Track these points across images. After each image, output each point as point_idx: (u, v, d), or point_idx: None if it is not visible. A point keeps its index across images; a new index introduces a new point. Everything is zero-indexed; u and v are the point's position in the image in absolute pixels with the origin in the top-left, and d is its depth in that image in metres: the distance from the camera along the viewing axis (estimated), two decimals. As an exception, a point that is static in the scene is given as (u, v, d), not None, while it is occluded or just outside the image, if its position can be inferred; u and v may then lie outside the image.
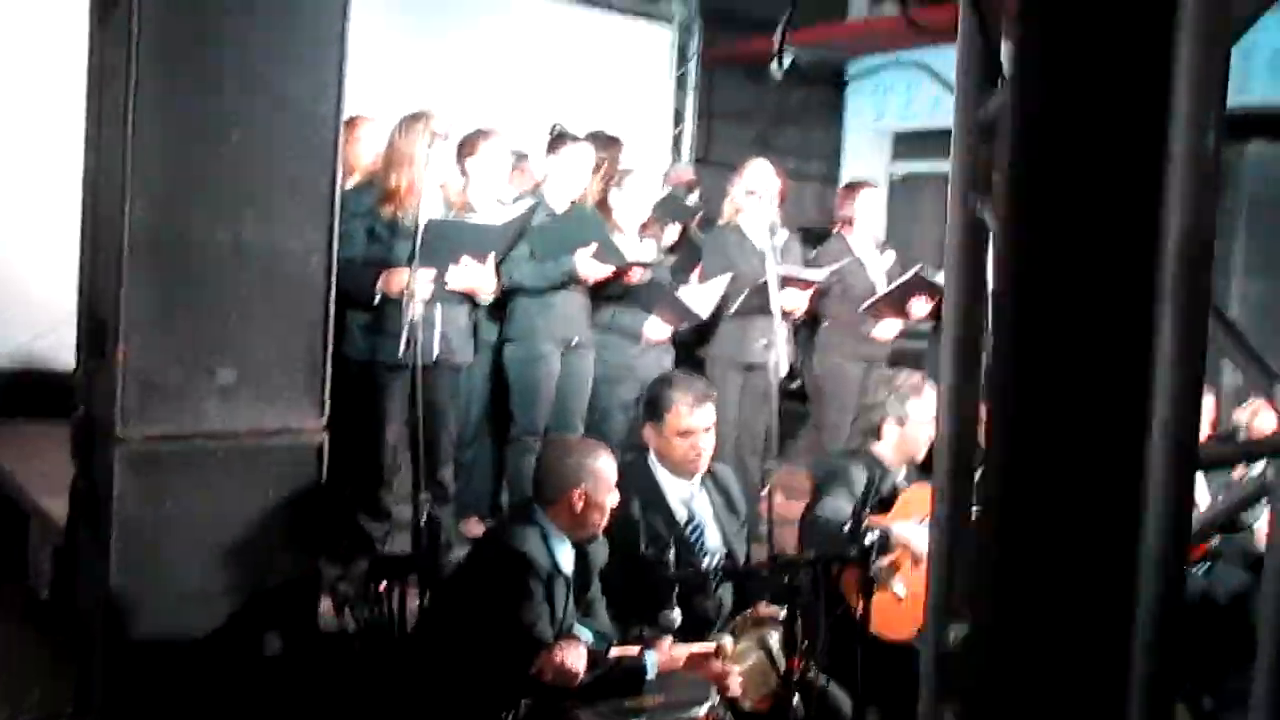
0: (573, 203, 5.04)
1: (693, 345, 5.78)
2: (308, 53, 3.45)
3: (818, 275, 5.50)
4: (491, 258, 4.48)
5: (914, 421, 4.26)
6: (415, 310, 3.97)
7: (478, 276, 4.44)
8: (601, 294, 5.12)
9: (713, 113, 10.43)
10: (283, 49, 3.40)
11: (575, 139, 5.25)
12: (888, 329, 5.98)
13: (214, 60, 3.30)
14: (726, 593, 3.85)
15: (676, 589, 3.29)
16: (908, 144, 10.88)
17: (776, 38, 9.60)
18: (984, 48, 1.65)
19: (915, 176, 10.57)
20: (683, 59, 9.98)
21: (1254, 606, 4.94)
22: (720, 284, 5.31)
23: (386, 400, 4.37)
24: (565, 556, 3.36)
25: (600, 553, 3.49)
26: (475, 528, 5.50)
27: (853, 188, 6.25)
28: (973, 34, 1.68)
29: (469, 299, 4.56)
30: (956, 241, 1.68)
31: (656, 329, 5.26)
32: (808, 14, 10.03)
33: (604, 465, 3.37)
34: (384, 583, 3.50)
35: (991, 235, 1.67)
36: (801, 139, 11.54)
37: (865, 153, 10.64)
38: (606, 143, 5.64)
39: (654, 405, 3.86)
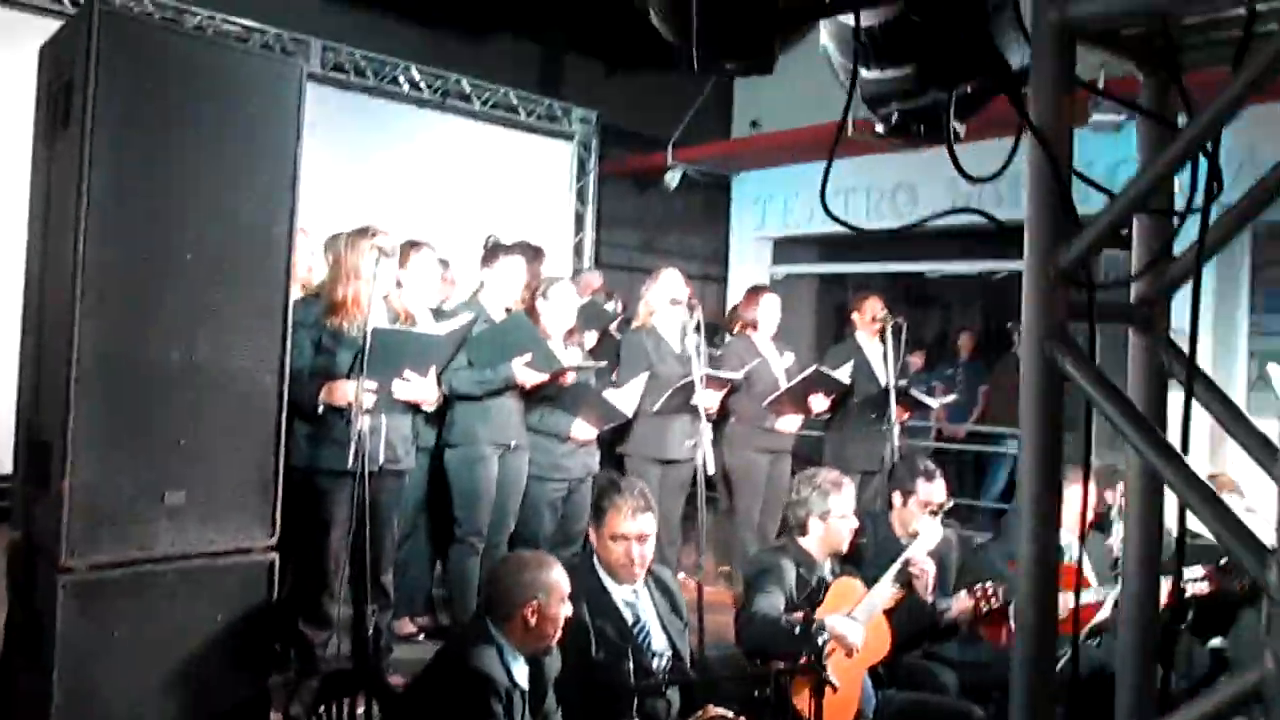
0: (507, 311, 4.81)
1: (612, 444, 5.57)
2: (262, 174, 3.14)
3: (736, 375, 5.36)
4: (433, 369, 4.20)
5: (836, 515, 4.12)
6: (362, 420, 3.66)
7: (421, 388, 4.15)
8: (531, 397, 4.87)
9: (609, 221, 10.35)
10: (237, 171, 3.09)
11: (509, 250, 5.04)
12: (790, 423, 5.88)
13: (168, 180, 2.97)
14: (674, 693, 3.59)
15: (635, 698, 3.03)
16: (785, 248, 10.96)
17: (669, 154, 9.66)
18: (1057, 192, 1.49)
19: (792, 277, 10.63)
20: (582, 172, 9.90)
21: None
22: (639, 384, 5.11)
23: (331, 507, 4.00)
24: (520, 671, 3.05)
25: (553, 663, 3.19)
26: (408, 626, 5.14)
27: (756, 291, 6.16)
28: (1044, 178, 1.52)
29: (412, 407, 4.26)
30: (1033, 389, 1.49)
31: (583, 429, 5.02)
32: (696, 132, 10.10)
33: (556, 578, 3.08)
34: (335, 702, 3.15)
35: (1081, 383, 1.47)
36: (690, 244, 11.56)
37: (749, 256, 10.66)
38: (533, 253, 5.44)
39: (596, 507, 3.60)
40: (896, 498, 4.67)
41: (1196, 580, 4.88)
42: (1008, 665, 4.64)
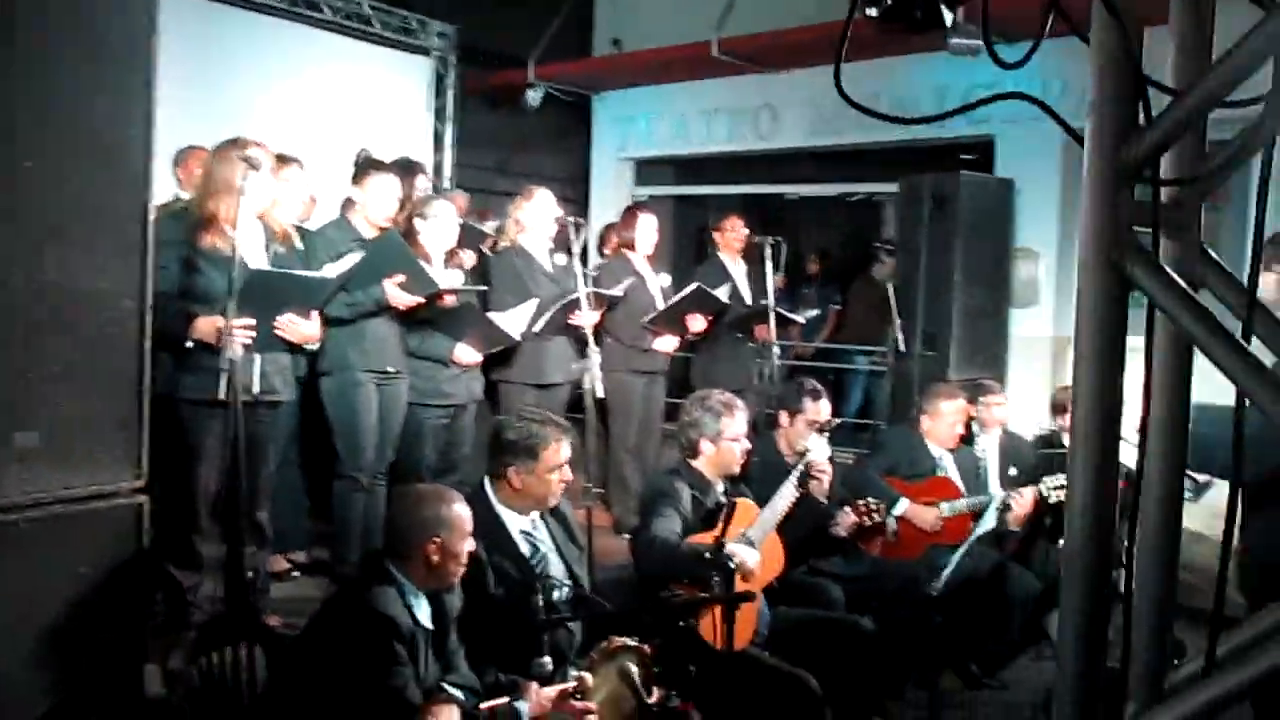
0: (380, 231, 4.47)
1: (484, 369, 5.31)
2: (109, 76, 2.73)
3: (617, 292, 5.16)
4: (315, 311, 3.85)
5: (727, 437, 4.02)
6: (235, 349, 3.31)
7: (304, 328, 3.79)
8: (411, 321, 4.56)
9: (468, 141, 9.90)
10: (80, 71, 2.69)
11: (382, 166, 4.67)
12: (667, 343, 5.75)
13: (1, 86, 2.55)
14: (576, 624, 3.44)
15: (546, 635, 2.86)
16: (647, 170, 10.75)
17: (530, 71, 9.27)
18: (1129, 76, 1.31)
19: (655, 199, 10.44)
20: (441, 89, 9.40)
21: (1009, 582, 5.00)
22: (530, 306, 4.86)
23: (200, 439, 3.65)
24: (423, 611, 2.84)
25: (454, 601, 2.99)
26: (281, 563, 4.84)
27: (634, 211, 5.95)
28: (1113, 60, 1.33)
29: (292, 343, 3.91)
30: (1094, 306, 1.32)
31: (467, 353, 4.75)
32: (557, 50, 9.71)
33: (458, 512, 2.87)
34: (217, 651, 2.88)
35: (1152, 293, 1.31)
36: (551, 165, 11.20)
37: (610, 178, 10.40)
38: (407, 169, 5.07)
39: (526, 446, 3.36)
40: (784, 417, 4.61)
41: (1059, 487, 5.00)
42: (887, 576, 4.70)
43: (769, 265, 5.56)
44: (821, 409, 4.55)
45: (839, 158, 9.90)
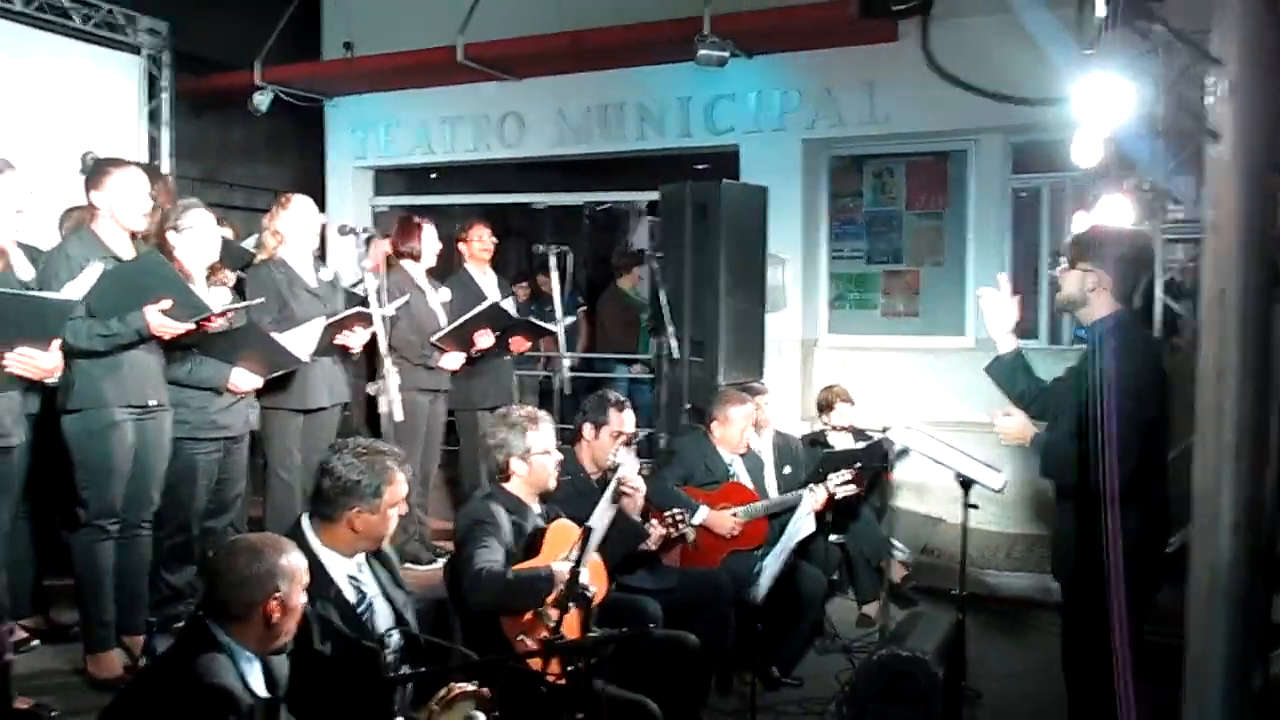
0: (139, 250, 3.91)
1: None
2: None
3: (391, 310, 4.80)
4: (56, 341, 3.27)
5: (538, 451, 3.82)
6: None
7: (43, 361, 3.19)
8: (174, 346, 4.01)
9: (188, 148, 9.06)
10: None
11: (120, 162, 4.07)
12: (453, 360, 5.44)
13: None
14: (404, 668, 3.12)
15: (403, 693, 2.56)
16: (388, 179, 10.27)
17: (257, 73, 8.63)
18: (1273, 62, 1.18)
19: (395, 208, 9.98)
20: (154, 91, 8.53)
21: (802, 580, 5.09)
22: (317, 325, 4.41)
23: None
24: (256, 678, 2.46)
25: (283, 664, 2.62)
26: (16, 633, 4.14)
27: (415, 222, 5.56)
28: (1255, 48, 1.20)
29: (25, 380, 3.30)
30: (1242, 302, 1.21)
31: (245, 379, 4.25)
32: (282, 53, 9.07)
33: (296, 561, 2.52)
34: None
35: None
36: (282, 174, 10.48)
37: (348, 188, 9.84)
38: (153, 175, 4.47)
39: (370, 486, 2.99)
40: (587, 429, 4.45)
41: (846, 483, 5.16)
42: (693, 583, 4.64)
43: (555, 275, 5.39)
44: (626, 420, 4.44)
45: (584, 167, 9.88)
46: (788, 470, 5.78)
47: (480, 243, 5.98)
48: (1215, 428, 1.28)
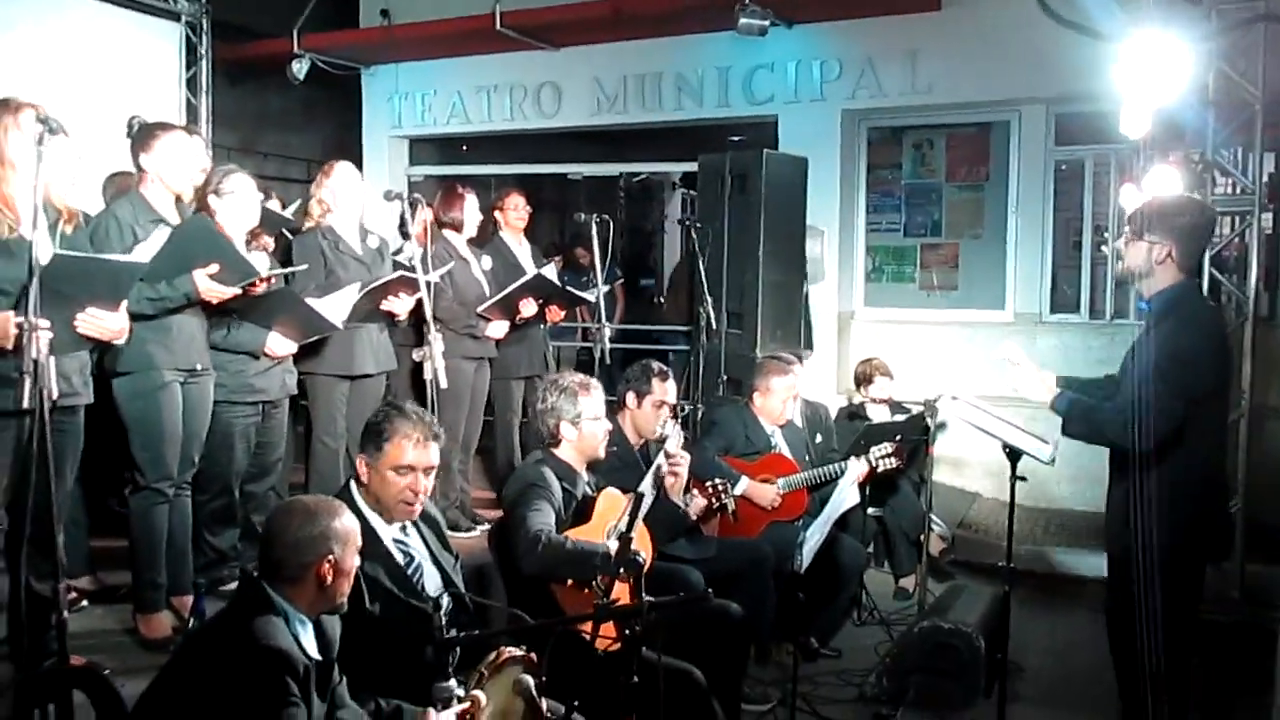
0: (183, 214, 3.92)
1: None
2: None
3: (436, 277, 4.79)
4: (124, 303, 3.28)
5: (588, 418, 3.82)
6: (37, 349, 2.75)
7: (111, 321, 3.20)
8: (215, 310, 4.02)
9: (226, 116, 9.07)
10: None
11: (167, 126, 4.07)
12: (499, 329, 5.43)
13: None
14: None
15: (453, 655, 2.56)
16: (423, 148, 10.25)
17: (295, 42, 8.60)
18: None
19: (430, 179, 9.98)
20: (193, 59, 8.52)
21: (842, 552, 5.07)
22: (352, 292, 4.41)
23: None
24: (309, 640, 2.47)
25: (334, 625, 2.63)
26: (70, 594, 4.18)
27: (458, 192, 5.51)
28: None
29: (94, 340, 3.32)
30: None
31: (281, 344, 4.25)
32: (319, 21, 9.05)
33: (349, 524, 2.52)
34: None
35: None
36: (319, 143, 10.50)
37: (383, 157, 9.83)
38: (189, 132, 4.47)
39: (374, 433, 3.01)
40: (630, 399, 4.44)
41: (887, 456, 5.12)
42: (733, 553, 4.64)
43: (595, 244, 5.35)
44: (669, 390, 4.42)
45: (620, 137, 9.82)
46: (819, 439, 5.76)
47: (515, 211, 5.96)
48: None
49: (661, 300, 9.89)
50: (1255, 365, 5.72)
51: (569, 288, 5.82)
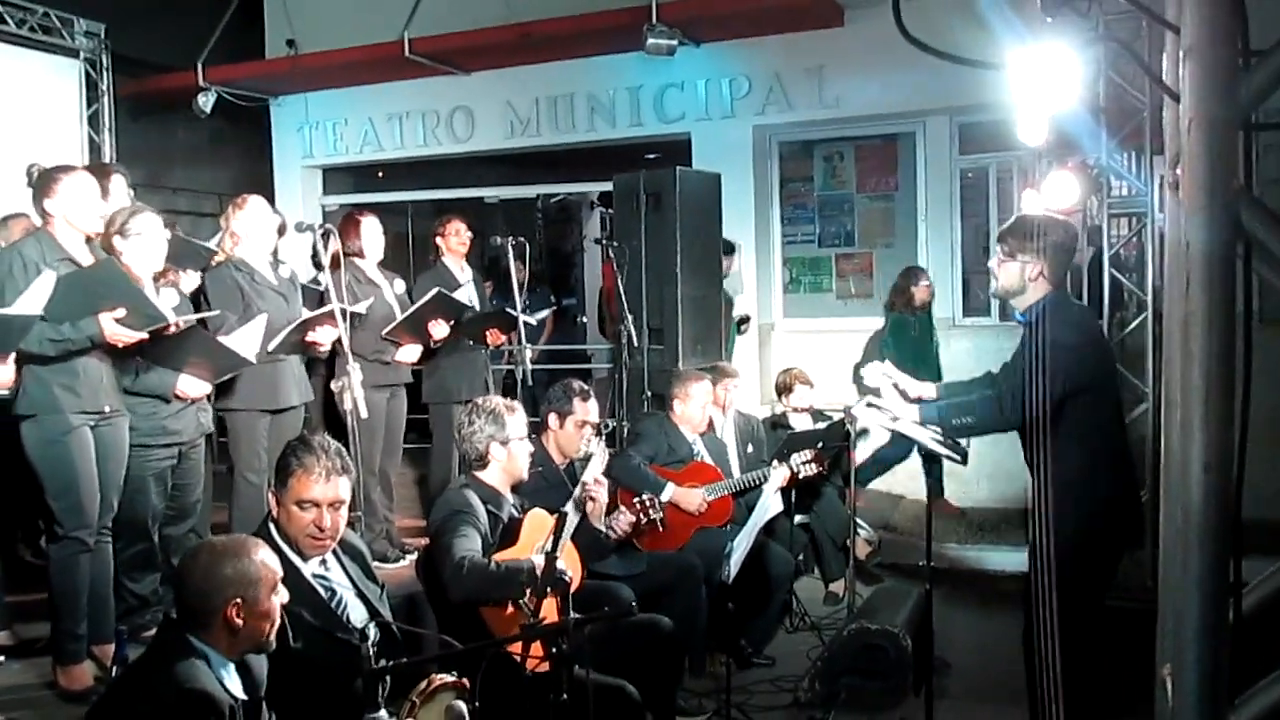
0: (95, 253, 3.85)
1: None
2: None
3: (362, 308, 4.77)
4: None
5: (515, 439, 3.83)
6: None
7: None
8: (122, 353, 3.95)
9: (131, 152, 8.90)
10: None
11: (69, 168, 4.01)
12: (410, 353, 5.42)
13: None
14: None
15: (384, 685, 2.55)
16: (337, 177, 10.17)
17: (199, 74, 8.50)
18: (1230, 22, 1.21)
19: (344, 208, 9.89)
20: (94, 95, 8.37)
21: (771, 561, 5.15)
22: (259, 324, 4.37)
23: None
24: (234, 682, 2.44)
25: (262, 665, 2.60)
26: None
27: (354, 218, 5.51)
28: (1211, 6, 1.22)
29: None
30: (1206, 256, 1.25)
31: (192, 385, 4.19)
32: (224, 53, 8.96)
33: (260, 565, 2.45)
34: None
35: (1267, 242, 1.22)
36: (228, 176, 10.35)
37: (296, 187, 9.74)
38: (102, 172, 4.40)
39: (280, 468, 2.99)
40: (552, 420, 4.46)
41: (807, 462, 5.21)
42: (663, 567, 4.67)
43: (513, 266, 5.38)
44: (591, 409, 4.45)
45: (536, 160, 9.85)
46: (750, 449, 5.85)
47: (457, 236, 5.98)
48: (1185, 372, 1.33)
49: (584, 320, 9.95)
50: (1157, 358, 5.94)
51: (505, 309, 5.80)
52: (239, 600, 2.41)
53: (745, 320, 7.91)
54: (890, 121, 8.25)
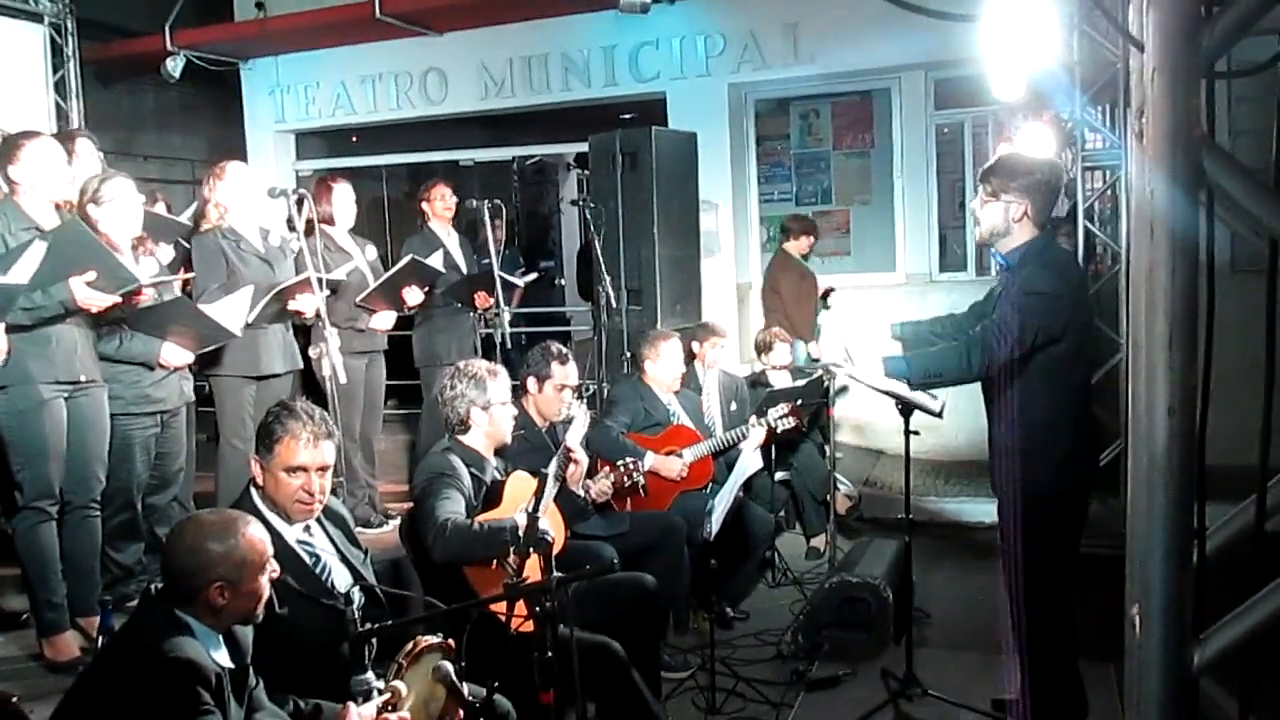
0: (64, 222, 3.81)
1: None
2: None
3: (341, 274, 4.74)
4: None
5: (497, 403, 3.83)
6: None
7: None
8: (103, 321, 3.93)
9: (99, 119, 8.78)
10: None
11: (33, 134, 3.95)
12: (385, 320, 5.42)
13: None
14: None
15: (370, 648, 2.58)
16: (310, 142, 10.07)
17: (167, 38, 8.36)
18: None
19: (319, 173, 9.80)
20: (60, 60, 8.23)
21: (750, 519, 5.20)
22: (245, 294, 4.34)
23: None
24: (220, 651, 2.46)
25: (248, 633, 2.61)
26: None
27: (326, 183, 5.47)
28: None
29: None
30: (1170, 207, 1.25)
31: (175, 354, 4.17)
32: (193, 16, 8.82)
33: (248, 545, 2.45)
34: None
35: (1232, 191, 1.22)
36: (200, 142, 10.24)
37: (268, 153, 9.63)
38: (64, 139, 4.34)
39: (265, 434, 2.99)
40: (531, 383, 4.47)
41: (784, 416, 5.25)
42: (646, 526, 4.71)
43: (489, 230, 5.35)
44: (570, 373, 4.46)
45: (510, 121, 9.77)
46: (734, 407, 5.89)
47: (442, 201, 5.99)
48: (1149, 318, 1.35)
49: (562, 282, 9.93)
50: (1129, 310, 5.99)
51: (500, 272, 5.77)
52: (220, 582, 2.41)
53: (830, 293, 7.85)
54: (866, 78, 8.23)
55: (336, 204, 5.39)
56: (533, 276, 6.08)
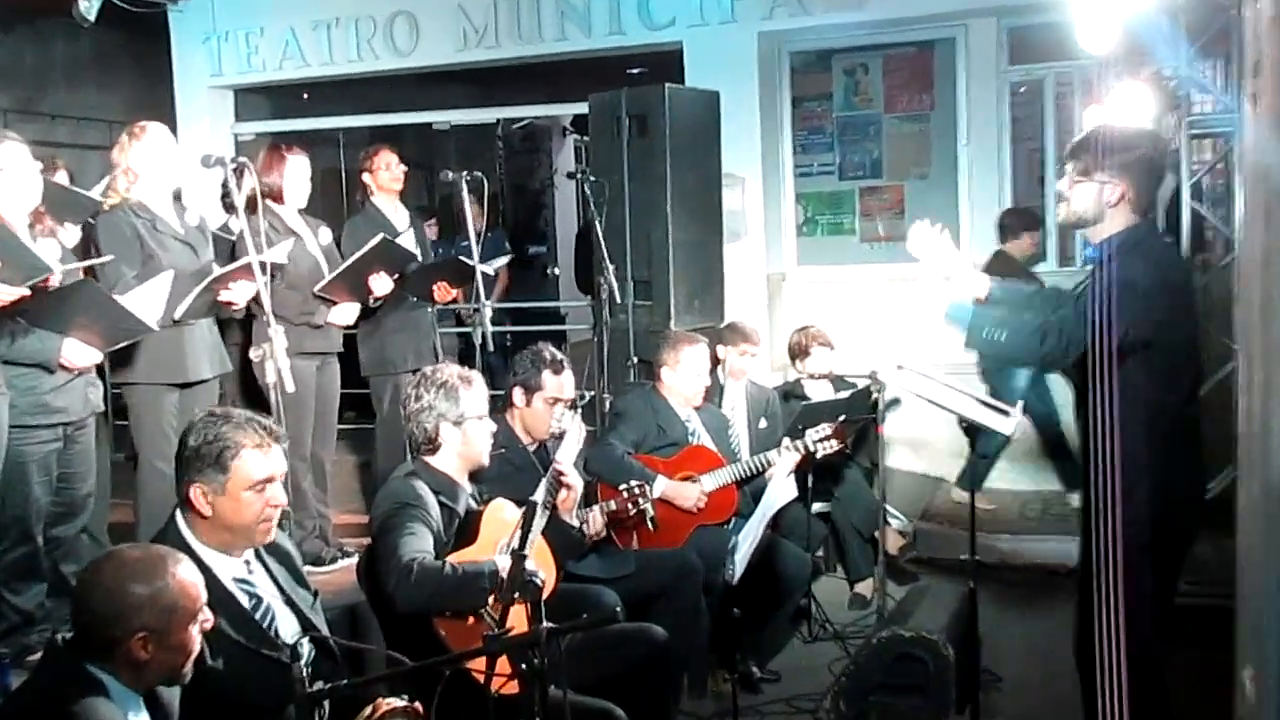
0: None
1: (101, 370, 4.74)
2: None
3: (281, 255, 4.76)
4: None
5: (473, 417, 3.83)
6: None
7: None
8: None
9: (1, 69, 8.86)
10: None
11: None
12: (346, 314, 5.43)
13: None
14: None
15: (321, 711, 2.59)
16: (251, 99, 10.12)
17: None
18: None
19: (262, 137, 9.86)
20: (-48, 2, 8.31)
21: (783, 560, 5.20)
22: (164, 281, 4.36)
23: None
24: (141, 717, 2.47)
25: (172, 693, 2.63)
26: None
27: (278, 152, 5.50)
28: None
29: None
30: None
31: (80, 353, 4.18)
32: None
33: (179, 589, 2.46)
34: None
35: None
36: (119, 98, 10.30)
37: (203, 111, 9.69)
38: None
39: (210, 455, 2.98)
40: (518, 395, 4.48)
41: (825, 439, 5.25)
42: (655, 567, 4.72)
43: (468, 207, 5.35)
44: (564, 384, 4.47)
45: (494, 77, 9.81)
46: (763, 425, 5.90)
47: (388, 171, 6.00)
48: (1265, 320, 1.33)
49: (556, 271, 9.96)
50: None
51: (459, 257, 5.79)
52: (148, 631, 2.42)
53: None
54: (926, 26, 8.24)
55: (289, 178, 5.42)
56: (503, 260, 6.05)
